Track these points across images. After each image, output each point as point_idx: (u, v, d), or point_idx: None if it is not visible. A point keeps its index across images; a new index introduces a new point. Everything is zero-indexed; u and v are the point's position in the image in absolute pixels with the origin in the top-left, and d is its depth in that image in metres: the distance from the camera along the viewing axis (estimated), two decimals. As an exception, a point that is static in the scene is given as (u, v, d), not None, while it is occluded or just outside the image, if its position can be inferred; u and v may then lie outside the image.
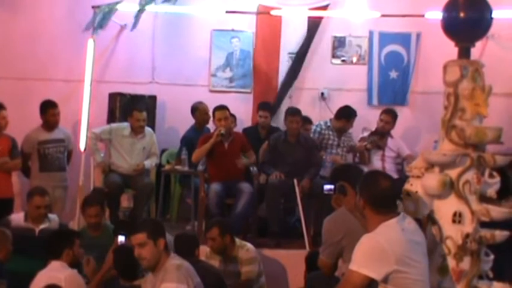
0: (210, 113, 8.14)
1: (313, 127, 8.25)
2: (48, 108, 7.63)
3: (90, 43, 7.75)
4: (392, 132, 8.25)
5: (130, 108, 7.91)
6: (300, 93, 9.06)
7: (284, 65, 8.89)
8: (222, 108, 7.45)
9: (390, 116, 8.15)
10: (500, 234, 4.24)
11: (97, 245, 5.86)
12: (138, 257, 4.40)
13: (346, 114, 8.08)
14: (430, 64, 8.68)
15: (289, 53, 8.90)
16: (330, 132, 8.10)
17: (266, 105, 8.31)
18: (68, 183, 7.72)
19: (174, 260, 4.42)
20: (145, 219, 6.81)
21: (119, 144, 7.74)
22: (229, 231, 6.04)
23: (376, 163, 8.03)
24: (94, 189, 7.11)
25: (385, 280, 3.69)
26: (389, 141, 8.16)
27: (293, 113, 7.76)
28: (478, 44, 4.56)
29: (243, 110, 8.78)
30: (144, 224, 4.54)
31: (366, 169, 7.24)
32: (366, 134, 8.18)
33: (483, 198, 4.28)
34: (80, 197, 7.33)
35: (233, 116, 8.03)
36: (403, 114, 8.57)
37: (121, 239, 5.22)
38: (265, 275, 6.35)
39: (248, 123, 8.75)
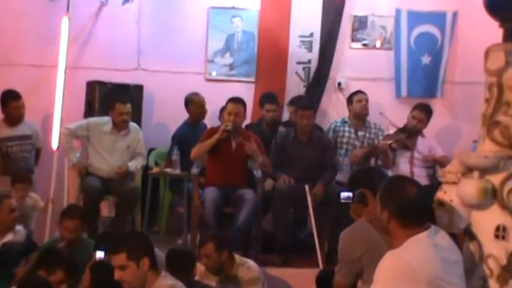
0: (207, 106, 8.22)
1: (328, 125, 8.32)
2: (9, 101, 7.64)
3: (65, 22, 7.72)
4: (425, 130, 8.21)
5: (112, 99, 7.90)
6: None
7: (295, 50, 8.86)
8: (236, 101, 7.50)
9: (425, 113, 8.14)
10: (551, 253, 4.20)
11: None
12: (119, 280, 4.39)
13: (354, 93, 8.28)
14: (468, 49, 8.67)
15: (301, 36, 8.86)
16: (347, 129, 8.15)
17: (274, 97, 8.32)
18: (37, 188, 7.69)
19: (166, 280, 4.43)
20: (126, 234, 6.77)
21: (98, 143, 7.75)
22: (227, 246, 6.03)
23: (403, 166, 8.00)
24: (75, 206, 7.09)
25: (413, 306, 3.66)
26: (420, 140, 8.12)
27: (304, 106, 7.75)
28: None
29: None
30: (124, 242, 4.50)
31: (390, 173, 7.26)
32: (391, 131, 8.14)
33: (532, 210, 4.24)
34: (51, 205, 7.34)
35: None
36: (436, 108, 8.53)
37: (100, 254, 5.25)
38: (270, 298, 6.35)
39: (248, 118, 8.68)
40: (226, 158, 7.41)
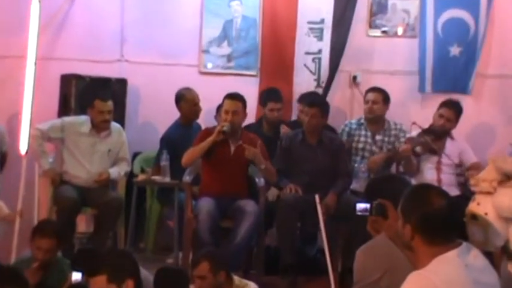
0: (201, 104, 8.24)
1: (341, 127, 8.34)
2: None
3: (35, 5, 7.69)
4: (454, 131, 8.18)
5: (91, 95, 7.89)
6: (322, 76, 9.05)
7: (303, 39, 8.86)
8: (234, 97, 7.48)
9: (453, 111, 8.09)
10: None
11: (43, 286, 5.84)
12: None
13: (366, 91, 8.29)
14: (505, 38, 8.71)
15: (310, 22, 8.84)
16: (363, 132, 8.16)
17: (277, 94, 8.33)
18: (1, 199, 7.67)
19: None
20: (106, 253, 6.78)
21: (75, 146, 7.76)
22: (224, 266, 6.00)
23: (429, 173, 7.96)
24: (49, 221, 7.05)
25: (442, 336, 3.62)
26: (449, 143, 8.09)
27: (310, 103, 7.72)
28: None
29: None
30: (104, 262, 4.47)
31: (414, 181, 7.22)
32: (414, 132, 8.10)
33: None
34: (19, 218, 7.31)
35: None
36: (467, 105, 8.51)
37: (76, 276, 5.25)
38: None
39: (250, 117, 8.65)
40: (224, 164, 7.41)
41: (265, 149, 7.51)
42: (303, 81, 8.89)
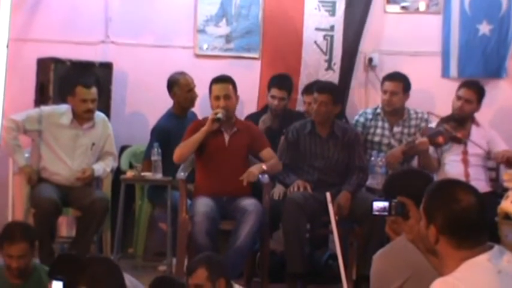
0: (197, 90, 8.25)
1: (355, 117, 8.33)
2: None
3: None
4: (478, 115, 8.13)
5: (72, 82, 7.90)
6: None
7: (312, 14, 8.88)
8: (222, 80, 7.49)
9: (473, 91, 8.01)
10: None
11: None
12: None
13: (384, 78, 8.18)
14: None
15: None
16: (380, 124, 8.14)
17: (284, 81, 8.32)
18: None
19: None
20: (87, 261, 6.80)
21: (54, 139, 7.77)
22: (223, 273, 5.95)
23: (455, 167, 7.93)
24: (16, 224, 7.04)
25: None
26: (474, 130, 8.05)
27: (320, 89, 7.70)
28: None
29: (246, 85, 8.71)
30: (85, 272, 4.46)
31: (437, 178, 7.21)
32: (434, 124, 8.06)
33: None
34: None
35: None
36: (501, 90, 8.48)
37: (57, 286, 5.20)
38: None
39: (252, 105, 8.67)
40: (219, 157, 7.42)
41: (259, 132, 7.57)
42: (313, 62, 8.91)
